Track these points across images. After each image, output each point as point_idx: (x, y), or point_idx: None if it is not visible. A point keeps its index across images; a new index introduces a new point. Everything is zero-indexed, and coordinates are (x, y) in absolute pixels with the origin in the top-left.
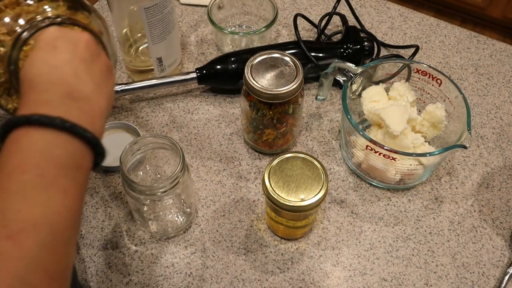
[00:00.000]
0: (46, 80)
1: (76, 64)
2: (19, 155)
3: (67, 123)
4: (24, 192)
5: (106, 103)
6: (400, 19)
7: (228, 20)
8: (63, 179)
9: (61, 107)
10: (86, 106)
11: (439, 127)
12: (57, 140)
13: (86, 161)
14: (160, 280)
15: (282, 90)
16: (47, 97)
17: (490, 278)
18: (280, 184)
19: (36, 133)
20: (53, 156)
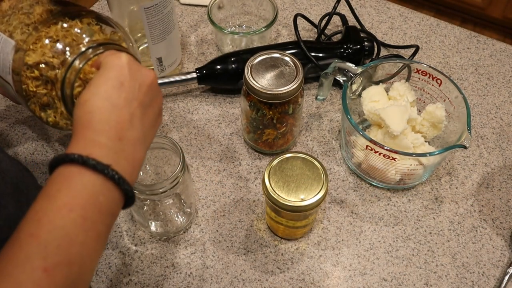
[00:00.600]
0: (105, 120)
1: (134, 108)
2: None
3: (117, 175)
4: (67, 229)
5: (146, 151)
6: (400, 19)
7: (228, 20)
8: (100, 224)
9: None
10: (130, 156)
11: (439, 127)
12: (104, 187)
13: (118, 209)
14: (160, 280)
15: (282, 90)
16: (102, 139)
17: (490, 278)
18: (280, 184)
19: (88, 176)
20: (98, 202)
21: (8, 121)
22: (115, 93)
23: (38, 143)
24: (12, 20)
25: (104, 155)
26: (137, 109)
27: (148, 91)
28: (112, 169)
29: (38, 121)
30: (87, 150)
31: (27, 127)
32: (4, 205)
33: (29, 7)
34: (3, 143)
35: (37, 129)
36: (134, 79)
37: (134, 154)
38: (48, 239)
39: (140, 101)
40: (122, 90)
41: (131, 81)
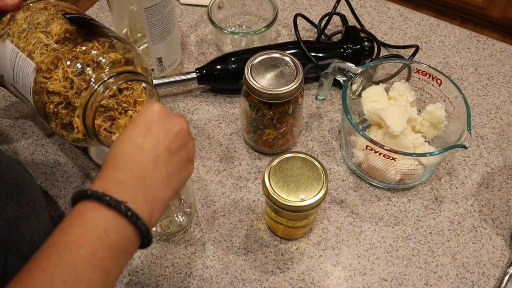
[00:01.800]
0: (127, 160)
1: (159, 152)
2: (81, 228)
3: (130, 211)
4: (74, 264)
5: (171, 193)
6: (400, 19)
7: (228, 20)
8: (109, 262)
9: (129, 191)
10: (151, 196)
11: (439, 127)
12: (116, 224)
13: (132, 248)
14: (160, 280)
15: (282, 90)
16: (122, 177)
17: (490, 278)
18: (280, 184)
19: (102, 212)
20: (109, 238)
21: (8, 121)
22: (141, 137)
23: (38, 143)
24: (30, 38)
25: (121, 192)
26: (162, 153)
27: (175, 138)
28: (125, 206)
29: (38, 121)
30: (105, 187)
31: (27, 127)
32: (2, 206)
33: (45, 23)
34: (3, 143)
35: (37, 129)
36: (162, 126)
37: (155, 195)
38: (55, 274)
39: (165, 147)
40: (148, 135)
41: (158, 127)
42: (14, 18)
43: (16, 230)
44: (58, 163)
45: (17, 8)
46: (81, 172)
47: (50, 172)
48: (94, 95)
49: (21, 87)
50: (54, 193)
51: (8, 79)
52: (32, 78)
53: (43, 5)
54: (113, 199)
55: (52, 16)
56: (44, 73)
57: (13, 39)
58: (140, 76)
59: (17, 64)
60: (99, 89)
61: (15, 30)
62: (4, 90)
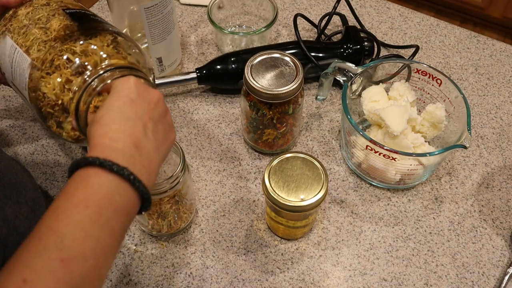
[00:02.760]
0: (120, 130)
1: (145, 121)
2: (86, 191)
3: (132, 175)
4: (83, 224)
5: (161, 160)
6: (400, 19)
7: (228, 20)
8: (115, 222)
9: (128, 158)
10: (146, 162)
11: (439, 127)
12: (119, 187)
13: (134, 210)
14: (160, 280)
15: (282, 90)
16: (120, 145)
17: (490, 278)
18: (280, 184)
19: (104, 176)
20: (113, 200)
21: (8, 121)
22: (127, 108)
23: (38, 143)
24: (29, 34)
25: (120, 159)
26: (148, 122)
27: (155, 107)
28: (127, 170)
29: (38, 121)
30: (104, 154)
31: (27, 127)
32: (1, 207)
33: (45, 19)
34: (3, 143)
35: (37, 129)
36: (143, 97)
37: (149, 161)
38: (65, 232)
39: (150, 116)
40: (133, 106)
41: (139, 98)
42: (16, 14)
43: (15, 230)
44: (58, 163)
45: (20, 4)
46: None
47: (50, 172)
48: (88, 90)
49: (18, 83)
50: (54, 193)
51: (8, 76)
52: (28, 74)
53: (46, 1)
54: (115, 164)
55: (53, 12)
56: (38, 70)
57: (13, 35)
58: (137, 71)
59: (15, 60)
60: (93, 83)
61: (15, 26)
62: (4, 90)
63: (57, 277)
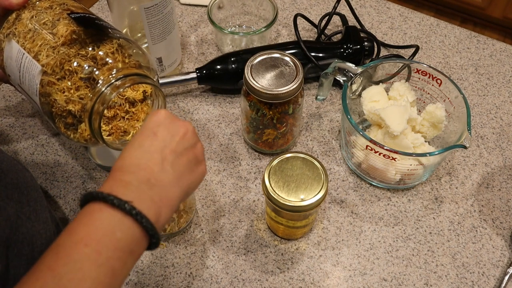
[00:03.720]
0: (135, 163)
1: (165, 154)
2: (88, 227)
3: (134, 210)
4: (81, 263)
5: (181, 194)
6: (400, 19)
7: (228, 20)
8: (115, 261)
9: (135, 192)
10: (157, 196)
11: (439, 127)
12: (122, 223)
13: (139, 248)
14: (160, 280)
15: (282, 90)
16: (129, 179)
17: (490, 278)
18: (280, 184)
19: (107, 212)
20: (114, 238)
21: (8, 121)
22: (148, 141)
23: (38, 143)
24: (37, 39)
25: (126, 193)
26: (169, 155)
27: (181, 140)
28: (130, 205)
29: (38, 121)
30: (112, 188)
31: (27, 127)
32: (3, 207)
33: (51, 24)
34: (3, 143)
35: (37, 129)
36: (167, 129)
37: (162, 195)
38: (62, 273)
39: (172, 149)
40: (155, 139)
41: (164, 131)
42: (20, 18)
43: (17, 230)
44: (58, 163)
45: (23, 7)
46: (81, 172)
47: (50, 172)
48: (101, 97)
49: (28, 88)
50: (54, 193)
51: (15, 79)
52: (38, 80)
53: (48, 4)
54: (117, 198)
55: (58, 16)
56: (50, 76)
57: (18, 39)
58: (147, 78)
59: (23, 65)
60: (106, 91)
61: (20, 30)
62: (4, 90)
63: None
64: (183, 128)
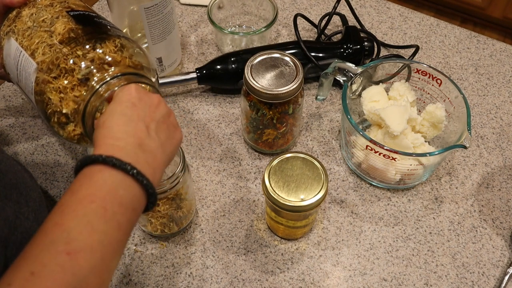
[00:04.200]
0: (123, 131)
1: (148, 122)
2: (91, 186)
3: (135, 169)
4: (88, 218)
5: (166, 159)
6: (400, 19)
7: (228, 20)
8: (120, 216)
9: (131, 155)
10: (150, 159)
11: (439, 127)
12: (123, 182)
13: (140, 205)
14: (160, 280)
15: (282, 90)
16: (122, 144)
17: (490, 278)
18: (280, 184)
19: (108, 172)
20: (117, 195)
21: (8, 121)
22: (129, 111)
23: (38, 143)
24: (34, 37)
25: (123, 156)
26: (151, 122)
27: (157, 109)
28: (131, 165)
29: (38, 121)
30: (108, 153)
31: (27, 127)
32: (2, 207)
33: (50, 22)
34: (3, 143)
35: (37, 129)
36: (144, 101)
37: (154, 158)
38: (71, 226)
39: (152, 117)
40: (135, 109)
41: (141, 102)
42: (20, 15)
43: (16, 230)
44: (58, 163)
45: (24, 4)
46: None
47: (50, 172)
48: (95, 96)
49: (24, 86)
50: (54, 193)
51: (14, 77)
52: (34, 78)
53: (49, 1)
54: (118, 160)
55: (57, 14)
56: (44, 75)
57: (17, 37)
58: (143, 78)
59: (20, 63)
60: (100, 89)
61: (20, 27)
62: (4, 90)
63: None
64: (156, 99)
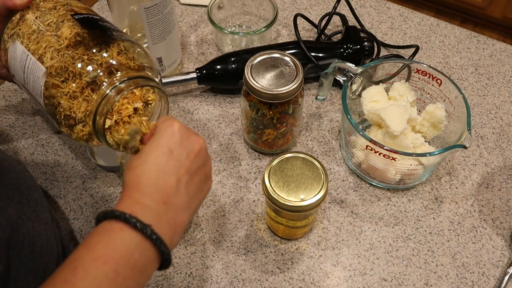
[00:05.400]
0: (152, 184)
1: (181, 175)
2: (107, 246)
3: (155, 235)
4: (99, 280)
5: (190, 215)
6: (400, 19)
7: (228, 20)
8: (130, 281)
9: (154, 216)
10: (172, 220)
11: (439, 127)
12: (141, 246)
13: (152, 268)
14: (160, 280)
15: (282, 90)
16: (147, 201)
17: (490, 278)
18: (280, 184)
19: (128, 233)
20: (132, 259)
21: (8, 121)
22: (164, 160)
23: (38, 143)
24: (41, 41)
25: (146, 216)
26: (184, 176)
27: (195, 158)
28: (151, 229)
29: (38, 121)
30: (131, 209)
31: (27, 127)
32: (4, 207)
33: (55, 26)
34: (3, 143)
35: (37, 129)
36: (183, 147)
37: (176, 219)
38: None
39: (187, 168)
40: (171, 158)
41: (180, 148)
42: (24, 18)
43: (18, 230)
44: (58, 163)
45: (27, 7)
46: (81, 172)
47: (50, 172)
48: (105, 99)
49: (32, 89)
50: (54, 193)
51: (19, 80)
52: (43, 82)
53: (52, 4)
54: (140, 221)
55: (62, 18)
56: (54, 78)
57: (23, 40)
58: (151, 81)
59: (27, 66)
60: (111, 93)
61: (25, 31)
62: (4, 90)
63: None
64: (197, 145)
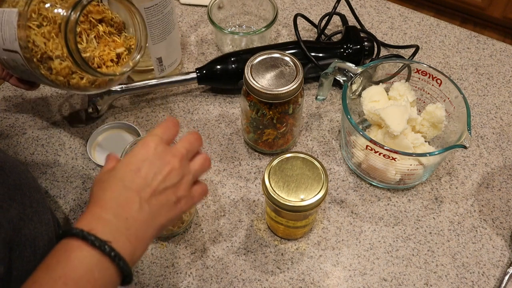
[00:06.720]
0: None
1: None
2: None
3: (113, 252)
4: None
5: (155, 232)
6: (400, 19)
7: (228, 20)
8: None
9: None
10: (134, 236)
11: (439, 127)
12: (100, 263)
13: (114, 285)
14: (160, 280)
15: (282, 90)
16: (108, 216)
17: (490, 278)
18: (280, 184)
19: (86, 251)
20: (92, 278)
21: (8, 121)
22: (130, 176)
23: (38, 143)
24: None
25: (105, 232)
26: (148, 194)
27: (163, 180)
28: (109, 246)
29: (38, 121)
30: (91, 225)
31: (27, 127)
32: (6, 208)
33: None
34: (3, 143)
35: (37, 129)
36: (152, 166)
37: (138, 235)
38: None
39: (153, 188)
40: (137, 175)
41: (148, 167)
42: None
43: (20, 231)
44: (58, 163)
45: None
46: (81, 172)
47: (50, 172)
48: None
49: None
50: (54, 193)
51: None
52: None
53: None
54: (98, 239)
55: None
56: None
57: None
58: None
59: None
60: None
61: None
62: (4, 90)
63: None
64: (168, 167)
